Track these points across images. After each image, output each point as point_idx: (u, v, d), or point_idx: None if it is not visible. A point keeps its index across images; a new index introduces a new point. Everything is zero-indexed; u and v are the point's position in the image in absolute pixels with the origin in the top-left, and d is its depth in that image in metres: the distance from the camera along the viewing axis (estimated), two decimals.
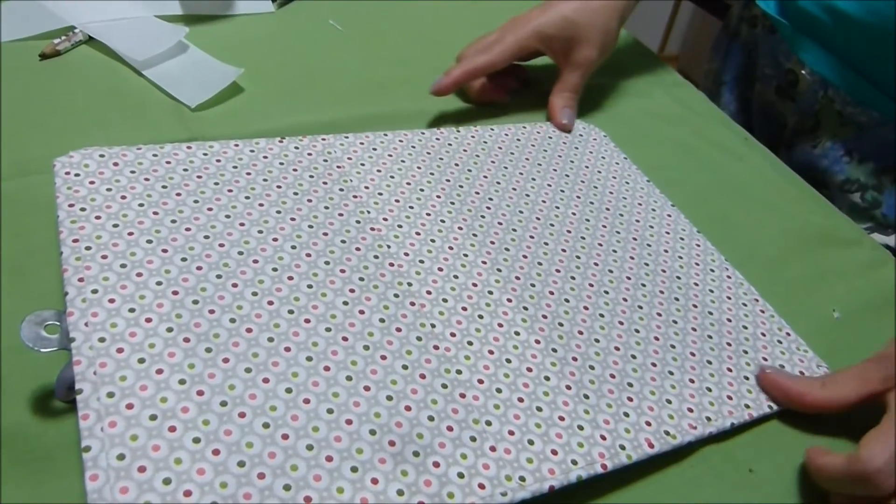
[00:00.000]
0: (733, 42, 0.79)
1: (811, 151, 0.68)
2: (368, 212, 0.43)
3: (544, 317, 0.40)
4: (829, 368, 0.43)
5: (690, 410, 0.38)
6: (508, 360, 0.37)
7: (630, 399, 0.37)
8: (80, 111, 0.50)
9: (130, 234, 0.36)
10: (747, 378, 0.41)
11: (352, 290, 0.38)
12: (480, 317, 0.39)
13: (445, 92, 0.54)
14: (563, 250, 0.44)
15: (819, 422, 0.40)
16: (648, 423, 0.36)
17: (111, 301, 0.33)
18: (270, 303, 0.36)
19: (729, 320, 0.44)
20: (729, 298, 0.45)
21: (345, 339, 0.35)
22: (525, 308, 0.40)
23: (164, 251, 0.36)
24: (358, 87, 0.58)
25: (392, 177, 0.46)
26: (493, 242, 0.43)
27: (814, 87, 0.67)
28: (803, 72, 0.67)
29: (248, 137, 0.45)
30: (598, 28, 0.56)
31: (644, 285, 0.44)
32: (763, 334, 0.44)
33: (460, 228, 0.44)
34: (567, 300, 0.41)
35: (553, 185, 0.50)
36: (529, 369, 0.37)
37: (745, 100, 0.78)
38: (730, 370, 0.41)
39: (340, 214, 0.42)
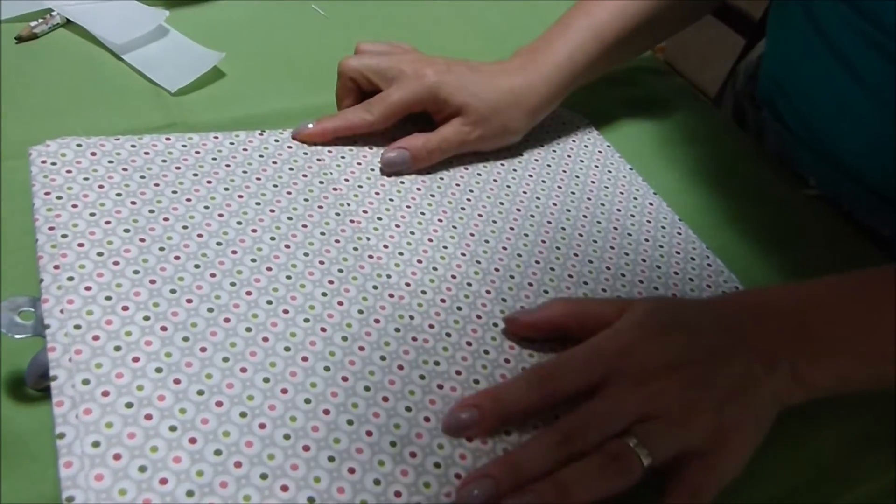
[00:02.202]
0: (739, 117, 0.70)
1: None
2: (348, 204, 0.43)
3: (522, 308, 0.40)
4: None
5: None
6: (486, 352, 0.37)
7: None
8: (58, 95, 0.49)
9: (108, 223, 0.36)
10: None
11: (331, 282, 0.38)
12: (459, 308, 0.39)
13: (307, 141, 0.46)
14: (544, 241, 0.45)
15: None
16: None
17: (87, 289, 0.33)
18: (249, 293, 0.36)
19: None
20: (709, 287, 0.46)
21: (323, 329, 0.35)
22: (503, 300, 0.40)
23: (142, 240, 0.36)
24: None
25: (372, 169, 0.46)
26: (472, 234, 0.44)
27: (827, 198, 0.58)
28: (811, 185, 0.59)
29: (228, 122, 0.45)
30: (511, 115, 0.49)
31: (624, 275, 0.44)
32: None
33: (440, 221, 0.44)
34: (546, 291, 0.41)
35: (534, 175, 0.50)
36: (507, 360, 0.37)
37: None
38: None
39: (320, 207, 0.42)
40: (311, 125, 0.46)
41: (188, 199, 0.39)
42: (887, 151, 0.51)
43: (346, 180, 0.44)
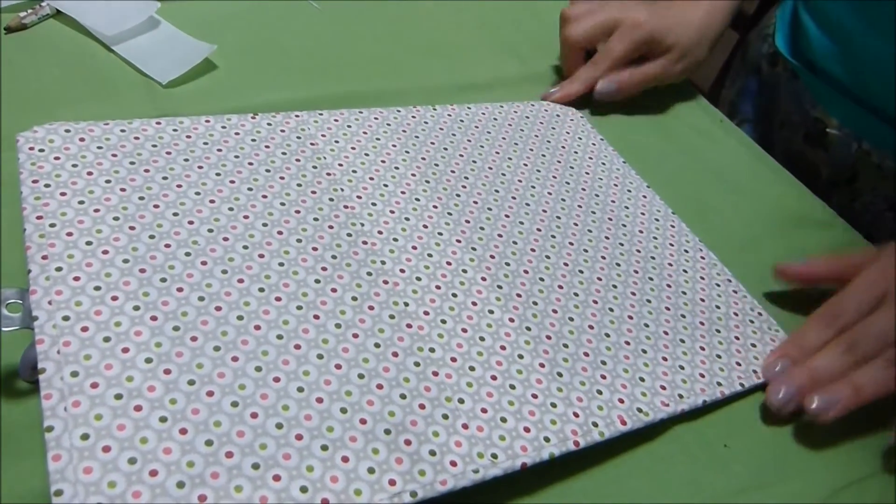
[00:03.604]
0: (752, 76, 0.71)
1: (850, 206, 0.61)
2: (342, 189, 0.42)
3: (518, 295, 0.40)
4: None
5: (663, 388, 0.38)
6: (482, 339, 0.37)
7: (603, 377, 0.37)
8: (47, 87, 0.49)
9: (97, 210, 0.36)
10: (720, 356, 0.41)
11: (324, 269, 0.37)
12: (454, 295, 0.38)
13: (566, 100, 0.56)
14: (539, 230, 0.44)
15: None
16: (621, 401, 0.36)
17: (76, 279, 0.33)
18: (241, 280, 0.35)
19: (702, 300, 0.44)
20: (702, 279, 0.45)
21: (316, 317, 0.35)
22: (499, 287, 0.40)
23: (132, 228, 0.36)
24: (333, 64, 0.57)
25: (366, 154, 0.45)
26: (468, 221, 0.43)
27: (846, 140, 0.61)
28: (831, 127, 0.61)
29: (220, 115, 0.44)
30: (705, 46, 0.57)
31: (619, 265, 0.44)
32: (735, 314, 0.44)
33: (435, 207, 0.43)
34: (542, 279, 0.41)
35: (529, 164, 0.49)
36: (503, 347, 0.37)
37: (769, 142, 0.68)
38: (702, 349, 0.41)
39: (313, 192, 0.41)
40: (555, 91, 0.56)
41: (179, 185, 0.38)
42: None
43: (340, 165, 0.44)
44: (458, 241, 0.42)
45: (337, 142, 0.45)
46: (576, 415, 0.35)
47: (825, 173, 0.63)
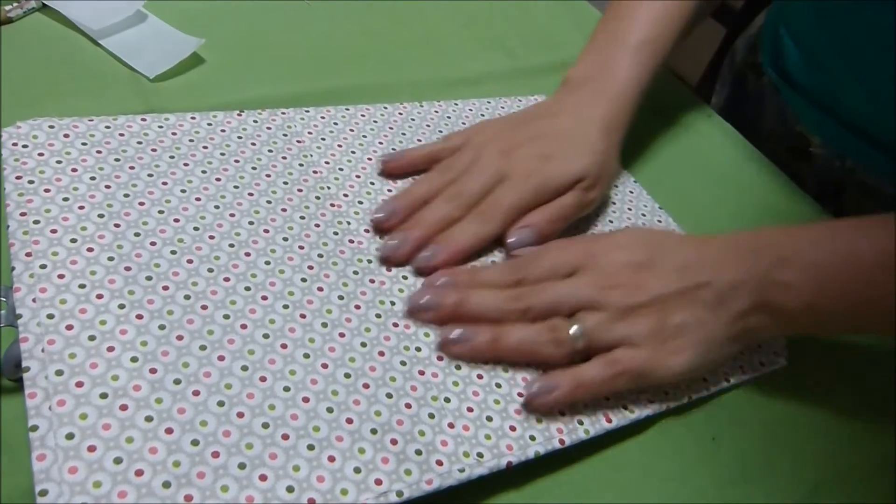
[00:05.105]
0: (738, 86, 0.70)
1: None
2: (328, 187, 0.42)
3: None
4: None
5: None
6: None
7: None
8: (32, 81, 0.48)
9: (81, 207, 0.35)
10: None
11: (310, 267, 0.37)
12: None
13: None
14: None
15: (781, 390, 0.41)
16: (607, 398, 0.36)
17: (60, 277, 0.32)
18: (227, 279, 0.35)
19: None
20: None
21: (303, 316, 0.35)
22: None
23: (117, 226, 0.35)
24: (322, 59, 0.57)
25: (353, 152, 0.45)
26: None
27: (829, 156, 0.58)
28: (814, 145, 0.59)
29: (207, 110, 0.44)
30: (611, 174, 0.46)
31: None
32: None
33: None
34: None
35: None
36: None
37: None
38: None
39: (300, 190, 0.41)
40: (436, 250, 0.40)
41: (164, 183, 0.38)
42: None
43: (327, 163, 0.43)
44: None
45: (323, 139, 0.45)
46: (561, 413, 0.35)
47: (811, 186, 0.59)
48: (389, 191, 0.43)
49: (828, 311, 0.38)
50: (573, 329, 0.36)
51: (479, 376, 0.35)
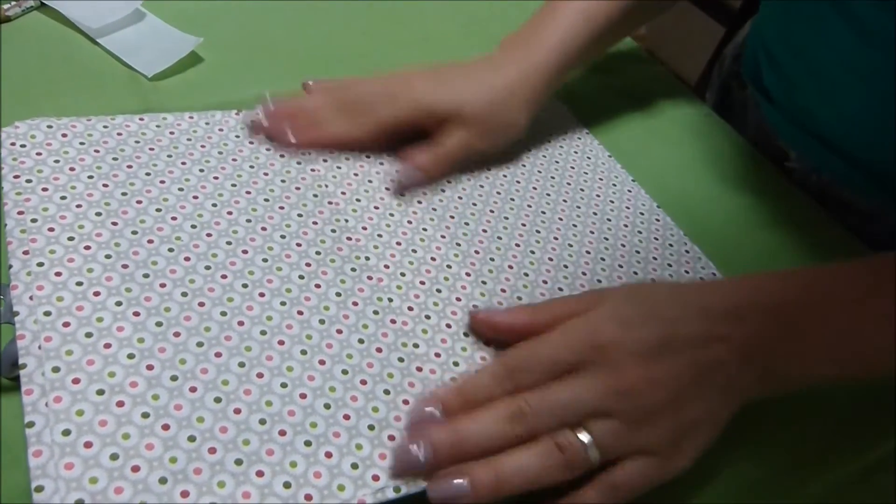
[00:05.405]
0: (724, 93, 0.70)
1: None
2: (326, 186, 0.42)
3: (503, 291, 0.40)
4: None
5: None
6: (466, 335, 0.37)
7: None
8: (31, 80, 0.48)
9: (79, 206, 0.36)
10: None
11: (308, 265, 0.37)
12: (439, 291, 0.38)
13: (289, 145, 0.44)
14: (523, 224, 0.44)
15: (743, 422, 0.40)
16: None
17: (58, 274, 0.32)
18: (224, 277, 0.35)
19: None
20: (687, 273, 0.46)
21: (300, 313, 0.35)
22: (484, 282, 0.40)
23: (114, 224, 0.35)
24: (321, 59, 0.57)
25: (350, 150, 0.45)
26: (452, 217, 0.43)
27: (805, 170, 0.59)
28: (790, 159, 0.59)
29: (206, 109, 0.44)
30: (502, 122, 0.46)
31: (603, 259, 0.44)
32: None
33: (419, 203, 0.43)
34: (526, 274, 0.41)
35: (514, 159, 0.49)
36: (487, 343, 0.37)
37: None
38: None
39: (297, 188, 0.41)
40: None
41: (162, 181, 0.38)
42: (869, 120, 0.51)
43: (325, 161, 0.43)
44: (443, 237, 0.42)
45: None
46: None
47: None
48: (387, 189, 0.43)
49: (827, 376, 0.38)
50: (584, 440, 0.31)
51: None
